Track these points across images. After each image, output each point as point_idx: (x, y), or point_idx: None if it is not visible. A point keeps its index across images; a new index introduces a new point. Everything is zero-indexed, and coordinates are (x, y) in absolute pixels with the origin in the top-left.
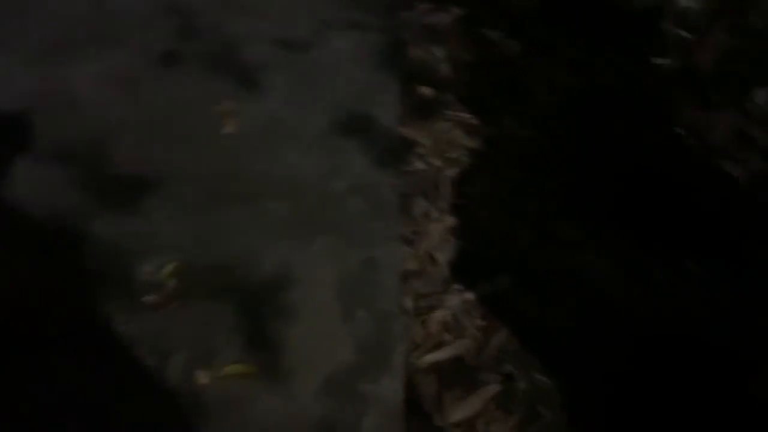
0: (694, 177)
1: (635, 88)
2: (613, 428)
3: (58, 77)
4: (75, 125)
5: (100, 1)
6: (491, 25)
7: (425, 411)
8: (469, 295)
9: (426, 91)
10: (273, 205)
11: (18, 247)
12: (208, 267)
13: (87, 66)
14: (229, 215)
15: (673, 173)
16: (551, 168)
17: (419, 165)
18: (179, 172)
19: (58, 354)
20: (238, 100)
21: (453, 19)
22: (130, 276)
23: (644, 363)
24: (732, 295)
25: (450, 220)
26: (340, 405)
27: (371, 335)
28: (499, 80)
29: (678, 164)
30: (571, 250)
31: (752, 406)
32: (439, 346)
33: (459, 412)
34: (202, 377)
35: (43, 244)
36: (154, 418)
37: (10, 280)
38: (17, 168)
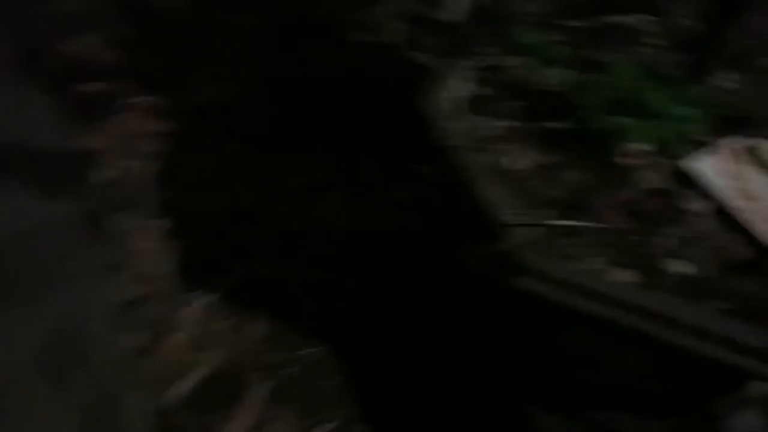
0: (389, 80)
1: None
2: (393, 369)
3: None
4: None
5: None
6: None
7: None
8: (210, 297)
9: (92, 87)
10: None
11: None
12: None
13: None
14: None
15: (371, 84)
16: (257, 121)
17: (106, 174)
18: None
19: None
20: None
21: None
22: None
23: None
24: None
25: (160, 224)
26: None
27: (96, 403)
28: (176, 46)
29: (373, 72)
30: (302, 200)
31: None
32: (188, 370)
33: (234, 430)
34: None
35: None
36: None
37: None
38: None
